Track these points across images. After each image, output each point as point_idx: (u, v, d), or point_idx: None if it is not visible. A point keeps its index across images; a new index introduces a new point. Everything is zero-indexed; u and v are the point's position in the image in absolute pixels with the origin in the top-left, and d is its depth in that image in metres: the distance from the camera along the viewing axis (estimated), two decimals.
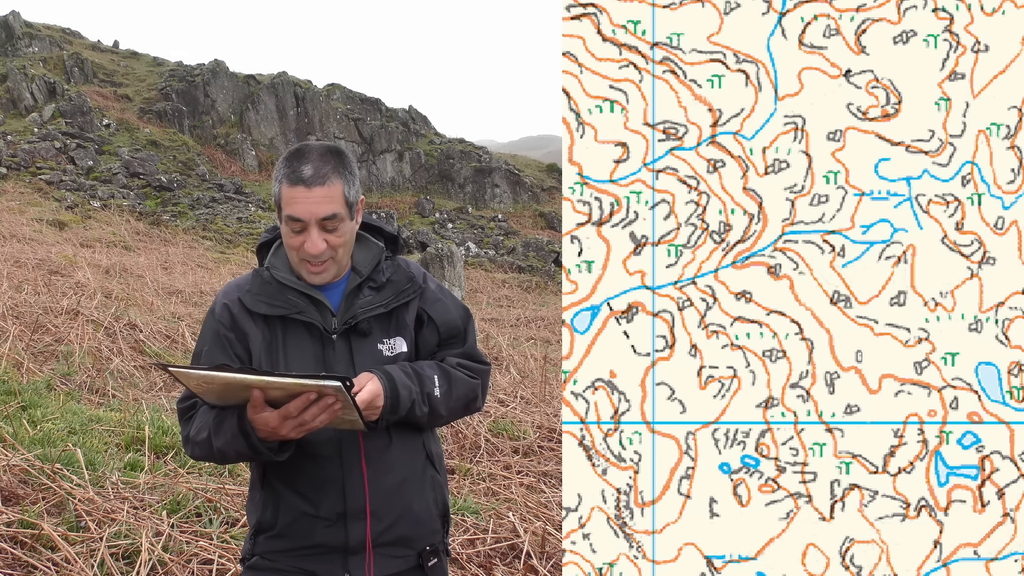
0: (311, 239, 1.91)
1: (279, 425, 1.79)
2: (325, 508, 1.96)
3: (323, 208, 1.90)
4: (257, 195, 24.84)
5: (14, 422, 5.13)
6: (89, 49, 31.77)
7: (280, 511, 1.99)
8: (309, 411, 1.77)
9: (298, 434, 1.81)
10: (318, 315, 1.98)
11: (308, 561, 1.98)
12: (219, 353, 1.99)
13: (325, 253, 1.94)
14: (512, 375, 8.33)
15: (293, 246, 1.95)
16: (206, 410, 1.96)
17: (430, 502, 2.07)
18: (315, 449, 1.95)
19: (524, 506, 4.52)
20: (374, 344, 2.00)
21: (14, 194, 19.33)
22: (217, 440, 1.90)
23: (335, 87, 32.38)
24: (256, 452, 1.86)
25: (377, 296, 2.01)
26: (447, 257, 14.21)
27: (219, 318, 2.02)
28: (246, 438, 1.84)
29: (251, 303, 1.99)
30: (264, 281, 2.01)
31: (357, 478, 1.96)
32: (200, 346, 2.05)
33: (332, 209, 1.91)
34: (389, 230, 2.13)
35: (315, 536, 1.97)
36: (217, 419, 1.91)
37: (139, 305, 10.05)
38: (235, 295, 2.03)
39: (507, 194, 30.87)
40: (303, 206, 1.90)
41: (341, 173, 1.94)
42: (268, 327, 1.99)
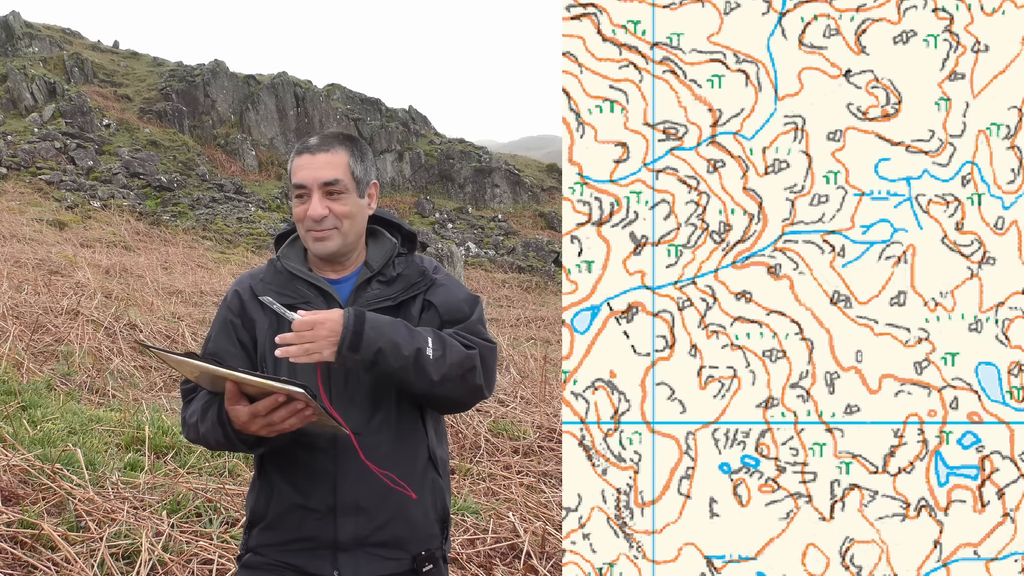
0: (312, 204, 1.96)
1: (248, 421, 1.81)
2: (316, 500, 1.95)
3: (325, 172, 1.96)
4: (257, 195, 24.84)
5: (14, 422, 5.13)
6: (89, 49, 31.77)
7: (273, 501, 2.00)
8: (278, 413, 1.78)
9: (268, 433, 1.82)
10: (325, 306, 1.98)
11: (298, 556, 1.97)
12: (224, 338, 2.04)
13: (328, 220, 1.96)
14: (512, 375, 8.33)
15: (298, 217, 2.00)
16: (204, 394, 1.99)
17: (428, 506, 2.03)
18: (311, 440, 1.94)
19: (524, 506, 4.52)
20: None
21: (14, 194, 19.33)
22: (202, 425, 1.94)
23: (335, 87, 32.38)
24: (231, 443, 1.89)
25: (386, 290, 2.02)
26: (447, 257, 14.22)
27: (229, 304, 2.07)
28: (223, 428, 1.87)
29: (261, 290, 2.01)
30: (277, 271, 2.06)
31: (350, 472, 1.95)
32: (210, 332, 2.09)
33: (334, 175, 1.96)
34: (407, 228, 2.14)
35: (305, 529, 1.96)
36: (205, 405, 1.95)
37: (139, 305, 10.06)
38: (247, 283, 2.07)
39: (507, 194, 30.88)
40: (306, 171, 1.98)
41: (348, 147, 2.01)
42: (275, 315, 1.99)
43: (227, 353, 2.01)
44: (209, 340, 2.08)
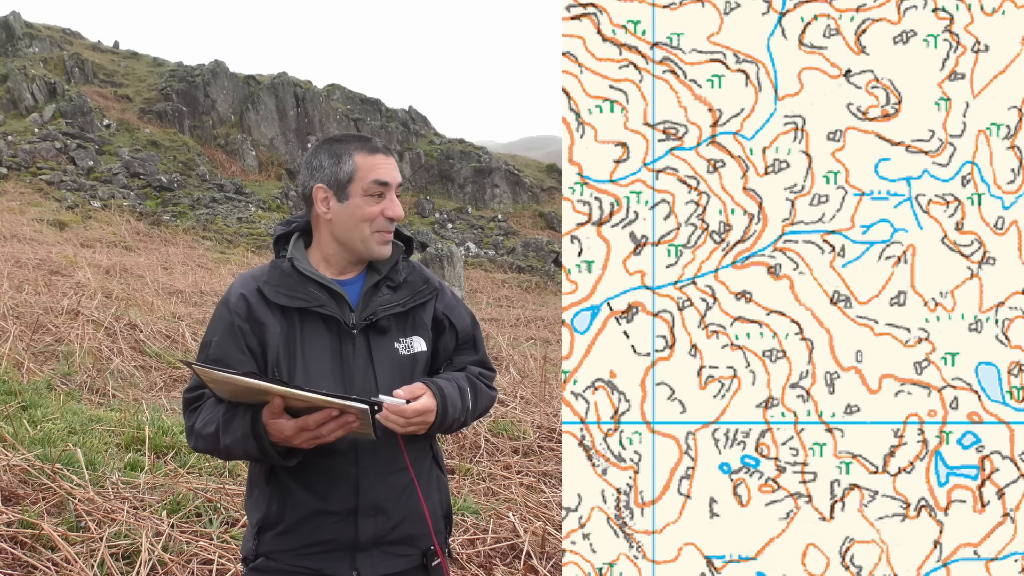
0: (394, 202, 2.01)
1: (294, 435, 1.81)
2: (336, 503, 1.95)
3: (398, 175, 2.04)
4: (257, 195, 24.83)
5: (14, 422, 5.13)
6: (89, 49, 31.77)
7: (287, 507, 1.97)
8: (327, 426, 1.79)
9: (309, 445, 1.83)
10: (336, 308, 1.98)
11: (315, 559, 1.97)
12: (230, 343, 1.97)
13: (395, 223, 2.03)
14: (512, 375, 8.33)
15: (370, 216, 1.99)
16: (214, 403, 1.95)
17: (436, 502, 2.08)
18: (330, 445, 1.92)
19: (524, 506, 4.52)
20: (391, 342, 2.02)
21: (14, 194, 19.34)
22: (225, 437, 1.89)
23: (335, 87, 32.37)
24: (265, 455, 1.87)
25: (395, 295, 2.04)
26: (447, 257, 14.20)
27: (234, 308, 1.99)
28: (258, 440, 1.84)
29: (271, 293, 1.97)
30: (283, 272, 2.01)
31: (371, 474, 1.96)
32: (210, 336, 2.01)
33: (401, 178, 2.05)
34: (405, 232, 2.15)
35: (323, 532, 1.96)
36: (227, 416, 1.90)
37: (139, 305, 10.05)
38: (253, 285, 2.01)
39: (507, 194, 30.87)
40: (387, 170, 2.01)
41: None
42: (286, 318, 1.98)
43: (234, 359, 1.95)
44: (210, 345, 1.99)
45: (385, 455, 1.97)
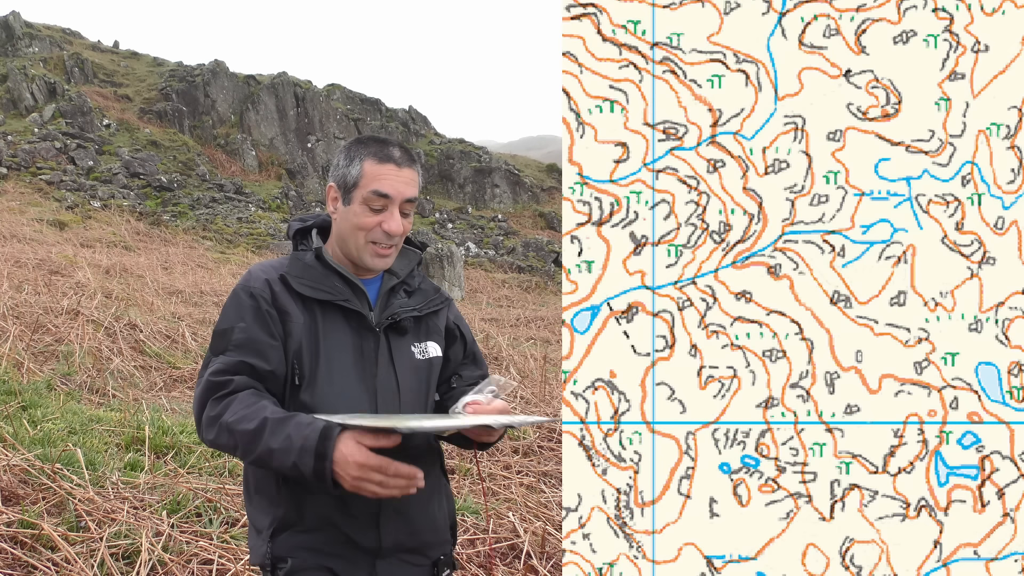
0: (393, 217, 1.94)
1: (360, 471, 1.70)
2: (358, 506, 1.89)
3: (409, 190, 1.95)
4: (257, 195, 24.83)
5: (14, 422, 5.13)
6: (89, 49, 31.77)
7: (306, 508, 1.90)
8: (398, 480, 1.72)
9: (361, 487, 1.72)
10: (358, 303, 1.97)
11: (334, 560, 1.91)
12: (260, 328, 1.89)
13: (397, 237, 1.96)
14: (512, 375, 8.33)
15: (366, 226, 1.94)
16: (252, 399, 1.82)
17: (445, 511, 2.07)
18: None
19: (524, 506, 4.52)
20: (409, 345, 2.02)
21: (14, 194, 19.34)
22: (273, 440, 1.75)
23: (335, 87, 32.37)
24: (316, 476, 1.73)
25: (410, 301, 2.05)
26: (447, 257, 14.20)
27: (260, 293, 1.92)
28: (318, 460, 1.71)
29: (295, 283, 1.94)
30: (306, 264, 1.97)
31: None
32: (233, 322, 1.91)
33: (414, 193, 1.97)
34: (418, 240, 2.15)
35: (346, 535, 1.91)
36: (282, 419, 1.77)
37: (139, 305, 10.06)
38: (275, 274, 1.97)
39: (507, 194, 30.87)
40: (392, 183, 1.93)
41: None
42: (307, 310, 1.95)
43: (265, 344, 1.88)
44: (234, 330, 1.90)
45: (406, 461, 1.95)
